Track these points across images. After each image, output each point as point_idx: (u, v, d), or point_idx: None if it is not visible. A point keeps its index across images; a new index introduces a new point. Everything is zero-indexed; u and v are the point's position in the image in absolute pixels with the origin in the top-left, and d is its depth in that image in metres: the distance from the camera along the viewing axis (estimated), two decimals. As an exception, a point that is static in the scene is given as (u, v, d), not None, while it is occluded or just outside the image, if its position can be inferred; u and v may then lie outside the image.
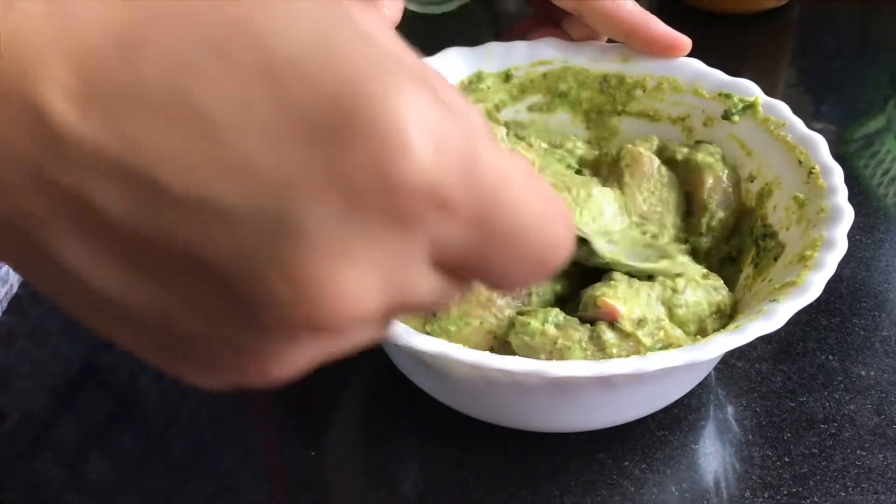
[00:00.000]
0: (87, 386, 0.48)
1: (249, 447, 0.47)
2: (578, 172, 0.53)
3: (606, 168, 0.53)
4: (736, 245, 0.50)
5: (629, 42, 0.54)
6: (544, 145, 0.55)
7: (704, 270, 0.47)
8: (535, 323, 0.43)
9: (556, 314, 0.44)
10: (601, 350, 0.42)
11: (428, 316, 0.44)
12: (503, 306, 0.44)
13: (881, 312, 0.54)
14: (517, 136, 0.55)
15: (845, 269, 0.56)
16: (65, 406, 0.47)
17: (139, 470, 0.44)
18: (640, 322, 0.42)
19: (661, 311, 0.44)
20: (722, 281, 0.47)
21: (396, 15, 0.50)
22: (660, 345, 0.42)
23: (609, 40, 0.56)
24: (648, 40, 0.53)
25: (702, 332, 0.45)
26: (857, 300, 0.54)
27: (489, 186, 0.22)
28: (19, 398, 0.48)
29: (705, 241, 0.51)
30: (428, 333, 0.43)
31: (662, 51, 0.54)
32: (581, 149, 0.55)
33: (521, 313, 0.44)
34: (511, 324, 0.44)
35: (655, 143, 0.53)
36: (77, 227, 0.20)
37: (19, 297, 0.53)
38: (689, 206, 0.52)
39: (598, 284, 0.45)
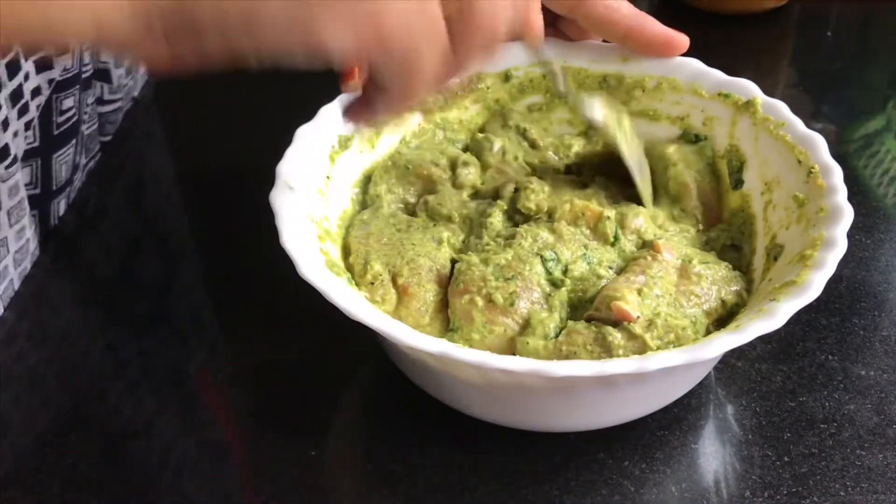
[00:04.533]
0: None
1: (248, 451, 0.47)
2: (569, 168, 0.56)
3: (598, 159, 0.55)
4: (737, 233, 0.51)
5: (626, 44, 0.54)
6: (549, 140, 0.56)
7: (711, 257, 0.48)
8: (533, 341, 0.43)
9: (554, 326, 0.44)
10: (607, 351, 0.42)
11: (453, 326, 0.45)
12: (523, 310, 0.44)
13: (881, 312, 0.54)
14: (519, 131, 0.55)
15: (845, 268, 0.56)
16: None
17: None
18: (651, 325, 0.42)
19: (674, 307, 0.44)
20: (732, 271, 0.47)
21: None
22: (671, 346, 0.42)
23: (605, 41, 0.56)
24: (645, 42, 0.53)
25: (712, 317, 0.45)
26: (856, 300, 0.54)
27: None
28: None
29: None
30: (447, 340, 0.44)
31: (660, 51, 0.54)
32: (577, 145, 0.56)
33: (525, 324, 0.44)
34: (527, 324, 0.44)
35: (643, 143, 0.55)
36: None
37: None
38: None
39: (611, 284, 0.45)
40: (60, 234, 0.59)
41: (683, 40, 0.53)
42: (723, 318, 0.45)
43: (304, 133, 0.49)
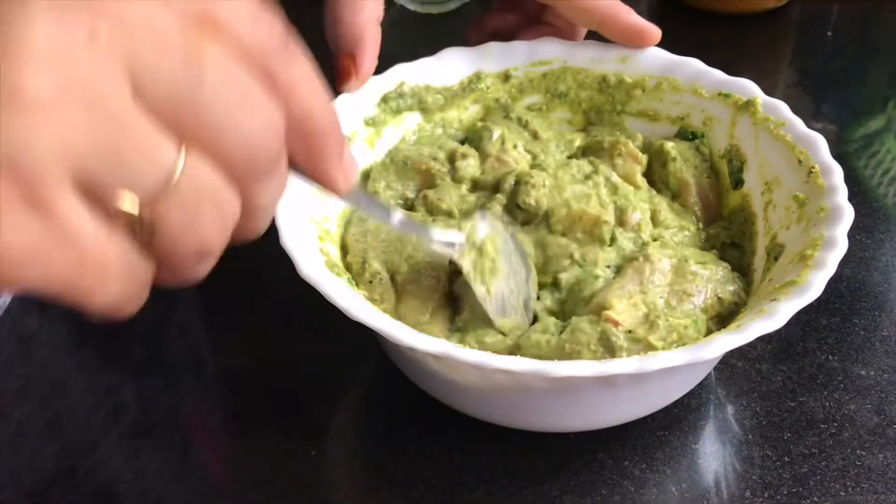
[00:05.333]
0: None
1: (248, 451, 0.47)
2: (571, 158, 0.55)
3: (602, 152, 0.55)
4: (737, 232, 0.51)
5: (602, 31, 0.55)
6: (550, 133, 0.56)
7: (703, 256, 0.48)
8: (536, 336, 0.43)
9: (556, 324, 0.44)
10: (610, 352, 0.42)
11: (463, 327, 0.46)
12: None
13: (881, 312, 0.54)
14: (521, 123, 0.55)
15: (845, 268, 0.56)
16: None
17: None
18: (652, 326, 0.42)
19: (673, 302, 0.45)
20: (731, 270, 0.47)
21: (380, 11, 0.51)
22: (674, 346, 0.42)
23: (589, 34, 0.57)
24: (620, 30, 0.55)
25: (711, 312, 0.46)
26: (857, 300, 0.54)
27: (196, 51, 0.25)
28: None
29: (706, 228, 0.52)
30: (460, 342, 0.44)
31: (634, 40, 0.55)
32: (578, 139, 0.56)
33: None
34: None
35: (640, 139, 0.55)
36: None
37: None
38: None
39: (602, 292, 0.45)
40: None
41: (656, 32, 0.55)
42: (722, 317, 0.45)
43: (303, 133, 0.49)
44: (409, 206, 0.52)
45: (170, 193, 0.26)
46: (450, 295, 0.47)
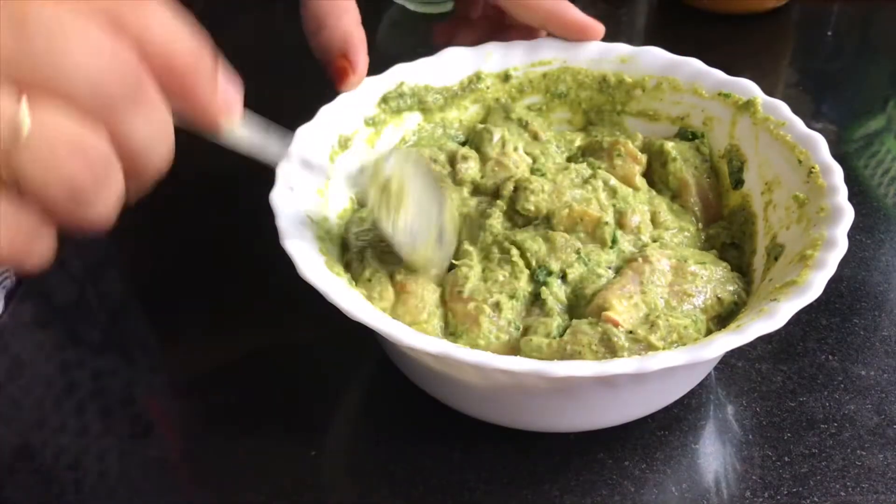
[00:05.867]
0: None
1: (248, 451, 0.47)
2: (570, 159, 0.55)
3: (601, 152, 0.55)
4: (737, 232, 0.51)
5: (547, 28, 0.57)
6: (550, 133, 0.56)
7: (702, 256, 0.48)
8: (536, 339, 0.43)
9: (558, 325, 0.44)
10: (612, 352, 0.42)
11: (455, 331, 0.46)
12: (526, 319, 0.45)
13: (881, 312, 0.54)
14: (521, 124, 0.55)
15: (845, 269, 0.55)
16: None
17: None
18: (653, 326, 0.43)
19: (674, 303, 0.45)
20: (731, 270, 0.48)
21: (358, 14, 0.52)
22: (674, 346, 0.42)
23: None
24: (563, 25, 0.56)
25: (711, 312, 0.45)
26: (857, 300, 0.54)
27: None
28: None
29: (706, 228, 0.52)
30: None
31: (577, 35, 0.56)
32: (578, 139, 0.56)
33: (526, 329, 0.45)
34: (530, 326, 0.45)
35: (640, 139, 0.55)
36: None
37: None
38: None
39: (602, 293, 0.45)
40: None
41: (599, 27, 0.56)
42: (722, 317, 0.45)
43: (304, 133, 0.49)
44: None
45: (22, 145, 0.27)
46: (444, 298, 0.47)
